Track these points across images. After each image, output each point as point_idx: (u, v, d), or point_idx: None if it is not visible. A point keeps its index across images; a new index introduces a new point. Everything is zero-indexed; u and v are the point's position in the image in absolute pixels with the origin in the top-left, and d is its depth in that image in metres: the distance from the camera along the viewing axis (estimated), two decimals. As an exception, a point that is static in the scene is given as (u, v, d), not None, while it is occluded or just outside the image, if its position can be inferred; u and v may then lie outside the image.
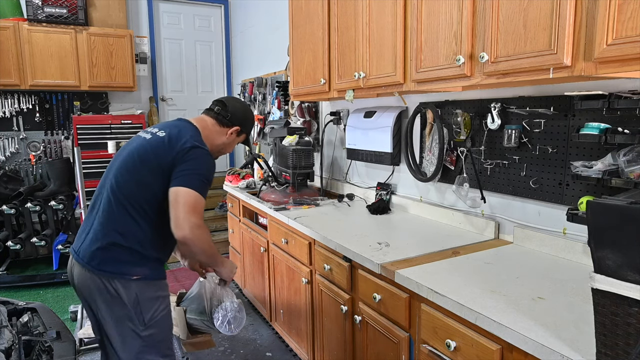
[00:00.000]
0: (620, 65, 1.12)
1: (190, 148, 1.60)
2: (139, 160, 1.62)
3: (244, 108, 1.90)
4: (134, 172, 1.61)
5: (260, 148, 4.45)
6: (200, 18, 5.28)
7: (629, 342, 0.89)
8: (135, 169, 1.62)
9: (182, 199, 1.52)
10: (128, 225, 1.59)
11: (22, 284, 3.84)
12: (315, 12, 2.58)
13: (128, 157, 1.65)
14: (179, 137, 1.63)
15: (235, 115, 1.83)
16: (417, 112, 2.27)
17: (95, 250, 1.57)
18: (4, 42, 4.04)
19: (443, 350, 1.39)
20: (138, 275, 1.59)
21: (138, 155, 1.63)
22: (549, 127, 1.69)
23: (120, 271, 1.57)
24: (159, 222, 1.60)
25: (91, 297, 1.59)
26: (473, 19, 1.52)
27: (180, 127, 1.70)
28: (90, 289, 1.58)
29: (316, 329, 2.28)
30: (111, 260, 1.57)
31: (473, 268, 1.60)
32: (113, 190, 1.61)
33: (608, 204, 0.90)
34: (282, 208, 2.67)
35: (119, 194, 1.60)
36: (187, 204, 1.52)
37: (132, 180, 1.61)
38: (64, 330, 1.73)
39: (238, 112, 1.84)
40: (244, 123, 1.86)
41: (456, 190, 2.06)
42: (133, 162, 1.63)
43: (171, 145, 1.61)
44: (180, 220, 1.51)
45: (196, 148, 1.61)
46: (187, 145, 1.60)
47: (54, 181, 4.19)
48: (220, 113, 1.81)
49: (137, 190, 1.60)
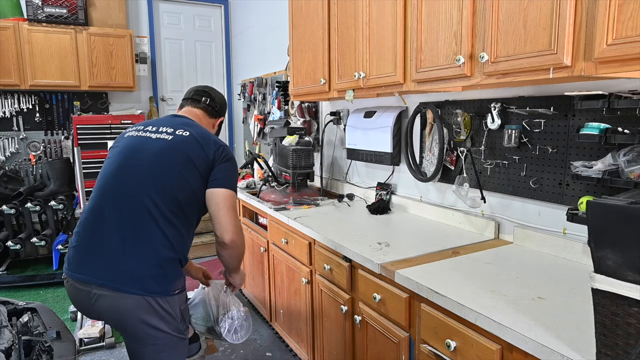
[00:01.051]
0: (620, 65, 1.12)
1: (223, 149, 1.59)
2: (177, 161, 1.50)
3: (224, 97, 1.90)
4: (173, 176, 1.49)
5: (260, 148, 4.45)
6: (200, 18, 5.28)
7: (629, 342, 0.89)
8: (173, 172, 1.49)
9: (228, 202, 1.50)
10: (174, 236, 1.47)
11: (22, 284, 3.84)
12: (315, 12, 2.58)
13: (156, 160, 1.50)
14: (207, 137, 1.59)
15: (222, 105, 1.83)
16: (417, 112, 2.27)
17: (137, 270, 1.41)
18: (4, 42, 4.04)
19: (443, 350, 1.39)
20: (178, 289, 1.52)
21: (169, 156, 1.51)
22: (549, 127, 1.69)
23: (166, 289, 1.46)
24: (194, 224, 1.59)
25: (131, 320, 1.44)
26: (473, 19, 1.52)
27: (193, 124, 1.64)
28: (127, 312, 1.42)
29: (316, 329, 2.28)
30: (159, 277, 1.44)
31: (473, 268, 1.60)
32: (152, 201, 1.45)
33: (608, 204, 0.89)
34: (282, 208, 2.67)
35: (161, 203, 1.45)
36: (231, 207, 1.51)
37: (174, 184, 1.48)
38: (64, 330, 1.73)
39: (222, 102, 1.85)
40: (224, 108, 1.88)
41: (456, 190, 2.06)
42: (169, 165, 1.50)
43: (206, 145, 1.55)
44: (228, 224, 1.48)
45: (227, 148, 1.61)
46: (221, 144, 1.60)
47: (54, 181, 4.18)
48: (210, 105, 1.78)
49: (180, 194, 1.48)
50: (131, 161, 1.53)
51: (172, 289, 1.48)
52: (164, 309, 1.46)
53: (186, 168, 1.50)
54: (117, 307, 1.42)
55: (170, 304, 1.48)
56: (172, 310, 1.48)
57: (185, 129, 1.59)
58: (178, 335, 1.53)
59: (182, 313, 1.56)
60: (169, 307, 1.47)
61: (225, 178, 1.52)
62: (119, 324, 1.47)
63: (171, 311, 1.48)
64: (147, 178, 1.48)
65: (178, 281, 1.51)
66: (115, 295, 1.40)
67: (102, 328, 2.90)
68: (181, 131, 1.57)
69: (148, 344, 1.47)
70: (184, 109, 1.79)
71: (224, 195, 1.50)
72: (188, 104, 1.80)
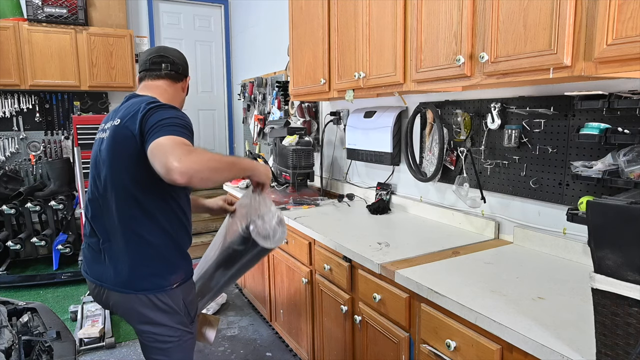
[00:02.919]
0: (620, 65, 1.12)
1: (150, 108, 1.36)
2: (114, 157, 1.42)
3: (182, 54, 1.68)
4: (121, 172, 1.41)
5: (260, 148, 4.45)
6: (200, 18, 5.28)
7: (629, 342, 0.89)
8: (120, 169, 1.41)
9: (159, 147, 1.24)
10: (150, 231, 1.44)
11: (22, 284, 3.84)
12: (315, 12, 2.58)
13: (102, 162, 1.46)
14: (133, 109, 1.40)
15: (184, 64, 1.64)
16: (417, 112, 2.27)
17: (128, 273, 1.44)
18: (4, 42, 4.04)
19: (443, 350, 1.39)
20: (177, 282, 1.48)
21: (112, 153, 1.42)
22: (549, 127, 1.69)
23: (160, 285, 1.45)
24: (172, 203, 1.46)
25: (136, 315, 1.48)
26: (473, 18, 1.52)
27: (131, 102, 1.48)
28: (132, 309, 1.46)
29: (316, 329, 2.28)
30: (149, 275, 1.44)
31: (473, 268, 1.60)
32: (117, 205, 1.43)
33: (608, 204, 0.89)
34: (282, 208, 2.67)
35: (125, 204, 1.42)
36: (165, 145, 1.23)
37: (127, 181, 1.41)
38: (64, 330, 1.73)
39: (183, 60, 1.65)
40: (186, 65, 1.67)
41: (456, 190, 2.06)
42: (111, 163, 1.43)
43: (132, 120, 1.37)
44: (166, 161, 1.18)
45: (158, 106, 1.38)
46: (144, 110, 1.36)
47: (54, 181, 4.19)
48: (172, 69, 1.59)
49: (135, 187, 1.41)
50: (95, 171, 1.51)
51: (167, 284, 1.46)
52: (164, 303, 1.46)
53: (126, 158, 1.39)
54: (122, 303, 1.48)
55: (172, 298, 1.47)
56: (173, 304, 1.48)
57: (119, 114, 1.46)
58: (183, 328, 1.53)
59: (187, 306, 1.53)
60: (170, 300, 1.47)
61: (156, 132, 1.27)
62: (127, 318, 1.53)
63: (173, 305, 1.48)
64: (108, 184, 1.44)
65: (174, 275, 1.47)
66: (119, 294, 1.47)
67: (102, 328, 2.90)
68: (116, 120, 1.44)
69: (154, 340, 1.50)
70: (142, 84, 1.60)
71: (155, 144, 1.24)
72: (146, 77, 1.59)
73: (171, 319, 1.49)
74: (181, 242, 1.52)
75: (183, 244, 1.53)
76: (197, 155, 1.22)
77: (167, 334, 1.50)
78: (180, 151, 1.20)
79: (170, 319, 1.49)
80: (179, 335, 1.52)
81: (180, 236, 1.51)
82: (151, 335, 1.50)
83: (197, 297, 1.65)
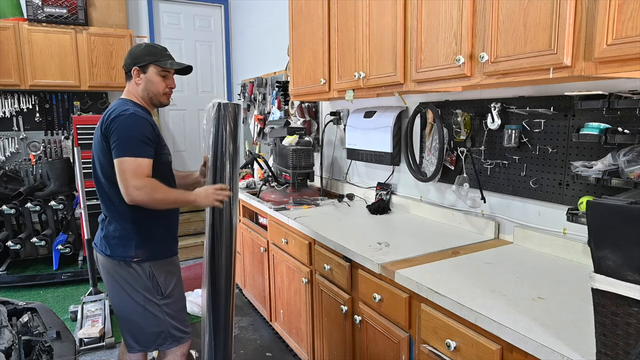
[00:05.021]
0: (620, 65, 1.12)
1: (110, 120, 1.69)
2: (96, 154, 1.80)
3: (129, 52, 1.87)
4: (99, 159, 1.77)
5: (260, 148, 4.45)
6: (200, 18, 5.28)
7: (629, 342, 0.89)
8: (96, 162, 1.80)
9: (122, 167, 1.65)
10: (111, 210, 1.79)
11: (22, 284, 3.84)
12: (315, 12, 2.58)
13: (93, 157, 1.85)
14: (103, 119, 1.73)
15: (126, 62, 1.84)
16: (417, 112, 2.27)
17: (102, 237, 1.84)
18: (4, 42, 4.04)
19: (443, 350, 1.39)
20: (139, 257, 1.78)
21: (94, 151, 1.81)
22: (549, 127, 1.69)
23: (126, 256, 1.78)
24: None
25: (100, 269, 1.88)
26: (473, 19, 1.52)
27: (108, 109, 1.78)
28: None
29: (316, 329, 2.28)
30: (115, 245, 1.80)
31: (473, 268, 1.60)
32: (97, 184, 1.82)
33: (608, 204, 0.89)
34: (282, 208, 2.67)
35: (99, 188, 1.81)
36: (125, 172, 1.65)
37: (96, 167, 1.80)
38: (64, 330, 1.72)
39: (126, 58, 1.85)
40: (136, 58, 1.82)
41: (456, 190, 2.06)
42: (94, 158, 1.82)
43: (101, 124, 1.73)
44: (125, 188, 1.65)
45: (116, 117, 1.69)
46: (107, 119, 1.70)
47: (54, 181, 4.19)
48: (124, 68, 1.85)
49: (102, 173, 1.77)
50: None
51: (128, 256, 1.78)
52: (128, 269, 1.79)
53: (98, 151, 1.77)
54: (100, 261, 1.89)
55: (137, 267, 1.79)
56: (136, 273, 1.79)
57: (100, 121, 1.77)
58: (146, 294, 1.80)
59: (160, 283, 1.82)
60: (134, 269, 1.78)
61: (116, 149, 1.67)
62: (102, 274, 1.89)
63: (135, 273, 1.79)
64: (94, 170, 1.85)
65: (136, 251, 1.78)
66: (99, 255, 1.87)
67: (102, 328, 2.90)
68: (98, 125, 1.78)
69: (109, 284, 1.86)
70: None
71: (118, 165, 1.66)
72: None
73: (135, 283, 1.80)
74: (144, 226, 1.80)
75: (147, 228, 1.81)
76: (145, 192, 1.65)
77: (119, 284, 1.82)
78: (133, 184, 1.64)
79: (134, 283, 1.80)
80: (142, 301, 1.80)
81: (144, 221, 1.80)
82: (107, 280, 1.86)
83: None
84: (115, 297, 1.84)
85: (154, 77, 1.84)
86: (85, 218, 3.35)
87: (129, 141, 1.66)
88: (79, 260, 4.16)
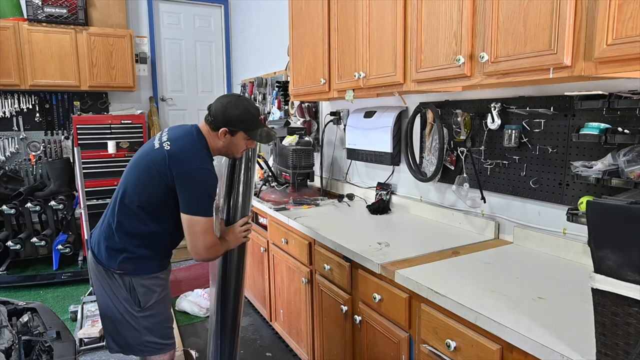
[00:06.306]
0: (620, 65, 1.12)
1: (188, 172, 1.65)
2: (142, 168, 1.72)
3: (224, 107, 1.76)
4: (135, 178, 1.73)
5: (260, 148, 4.45)
6: (200, 18, 5.28)
7: (629, 342, 0.89)
8: (136, 177, 1.73)
9: (194, 228, 1.65)
10: (121, 227, 1.75)
11: (22, 284, 3.83)
12: (315, 12, 2.58)
13: (134, 163, 1.78)
14: (180, 156, 1.67)
15: (217, 117, 1.75)
16: (417, 112, 2.27)
17: (97, 239, 1.81)
18: (4, 42, 4.04)
19: (443, 350, 1.39)
20: (122, 271, 1.76)
21: (143, 164, 1.73)
22: (549, 127, 1.69)
23: (110, 266, 1.76)
24: (153, 219, 1.74)
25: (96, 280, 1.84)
26: (473, 19, 1.52)
27: (187, 140, 1.73)
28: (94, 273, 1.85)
29: (316, 329, 2.28)
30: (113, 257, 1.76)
31: (473, 268, 1.60)
32: (121, 192, 1.76)
33: (608, 204, 0.89)
34: (282, 208, 2.67)
35: (124, 197, 1.74)
36: (197, 232, 1.65)
37: (136, 179, 1.73)
38: (64, 330, 1.72)
39: (218, 113, 1.75)
40: (229, 122, 1.74)
41: (456, 190, 2.06)
42: (135, 170, 1.75)
43: (172, 164, 1.66)
44: (196, 247, 1.68)
45: (195, 171, 1.66)
46: (185, 168, 1.65)
47: (54, 181, 4.19)
48: (207, 117, 1.79)
49: (135, 194, 1.72)
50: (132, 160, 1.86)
51: (111, 265, 1.76)
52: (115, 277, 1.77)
53: (150, 171, 1.70)
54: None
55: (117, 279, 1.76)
56: (120, 280, 1.76)
57: (175, 143, 1.71)
58: (124, 304, 1.78)
59: (140, 297, 1.78)
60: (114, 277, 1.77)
61: (191, 204, 1.65)
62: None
63: (119, 280, 1.76)
64: (125, 175, 1.80)
65: (119, 260, 1.75)
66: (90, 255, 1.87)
67: (102, 328, 2.90)
68: (168, 144, 1.71)
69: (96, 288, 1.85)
70: (203, 121, 1.85)
71: (191, 222, 1.66)
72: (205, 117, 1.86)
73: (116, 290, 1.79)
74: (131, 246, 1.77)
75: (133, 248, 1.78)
76: (216, 251, 1.74)
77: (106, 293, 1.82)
78: (206, 244, 1.68)
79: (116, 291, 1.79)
80: (121, 309, 1.79)
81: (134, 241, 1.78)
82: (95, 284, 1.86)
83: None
84: (99, 297, 1.84)
85: (240, 141, 1.79)
86: (85, 218, 3.35)
87: (204, 200, 1.66)
88: (79, 260, 4.16)
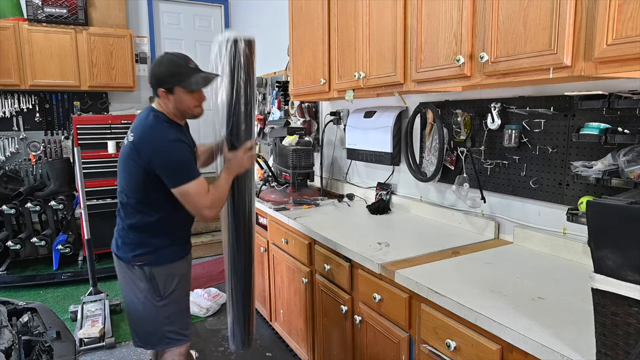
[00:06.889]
0: (620, 65, 1.12)
1: (155, 152, 1.68)
2: (124, 166, 1.79)
3: (151, 70, 1.76)
4: (122, 178, 1.81)
5: (260, 148, 4.45)
6: (200, 18, 5.28)
7: (629, 342, 0.89)
8: (123, 176, 1.81)
9: (188, 197, 1.70)
10: (127, 216, 1.82)
11: (22, 284, 3.83)
12: (315, 12, 2.58)
13: (119, 163, 1.85)
14: (142, 142, 1.71)
15: (151, 82, 1.75)
16: (417, 112, 2.27)
17: (115, 238, 1.89)
18: (4, 42, 4.04)
19: (443, 350, 1.39)
20: (141, 262, 1.80)
21: (122, 161, 1.80)
22: (549, 127, 1.69)
23: (129, 259, 1.82)
24: (150, 203, 1.79)
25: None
26: (473, 19, 1.52)
27: (143, 123, 1.75)
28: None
29: (316, 329, 2.28)
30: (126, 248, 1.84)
31: (473, 268, 1.60)
32: (119, 194, 1.86)
33: (608, 204, 0.89)
34: (282, 208, 2.67)
35: (122, 198, 1.83)
36: (193, 196, 1.70)
37: (122, 178, 1.81)
38: (64, 330, 1.72)
39: (151, 77, 1.75)
40: (160, 81, 1.72)
41: (456, 190, 2.06)
42: (120, 169, 1.82)
43: (140, 152, 1.70)
44: (199, 212, 1.73)
45: (160, 149, 1.68)
46: (151, 151, 1.68)
47: (54, 181, 4.19)
48: (150, 84, 1.77)
49: (126, 185, 1.79)
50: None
51: (129, 258, 1.82)
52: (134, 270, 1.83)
53: (128, 166, 1.76)
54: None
55: (140, 269, 1.81)
56: (139, 272, 1.81)
57: (135, 132, 1.75)
58: (147, 295, 1.82)
59: (160, 285, 1.83)
60: (137, 271, 1.82)
61: (167, 178, 1.69)
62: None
63: (139, 274, 1.82)
64: (117, 181, 1.89)
65: (136, 253, 1.80)
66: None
67: (102, 328, 2.90)
68: (132, 135, 1.75)
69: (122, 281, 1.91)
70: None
71: (178, 194, 1.71)
72: None
73: (137, 281, 1.84)
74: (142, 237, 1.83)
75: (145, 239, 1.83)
76: (215, 207, 1.75)
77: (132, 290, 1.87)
78: (204, 205, 1.72)
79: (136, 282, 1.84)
80: (142, 299, 1.84)
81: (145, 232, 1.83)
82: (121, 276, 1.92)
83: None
84: (124, 292, 1.92)
85: (183, 96, 1.74)
86: (85, 218, 3.35)
87: (181, 167, 1.69)
88: (79, 260, 4.16)
